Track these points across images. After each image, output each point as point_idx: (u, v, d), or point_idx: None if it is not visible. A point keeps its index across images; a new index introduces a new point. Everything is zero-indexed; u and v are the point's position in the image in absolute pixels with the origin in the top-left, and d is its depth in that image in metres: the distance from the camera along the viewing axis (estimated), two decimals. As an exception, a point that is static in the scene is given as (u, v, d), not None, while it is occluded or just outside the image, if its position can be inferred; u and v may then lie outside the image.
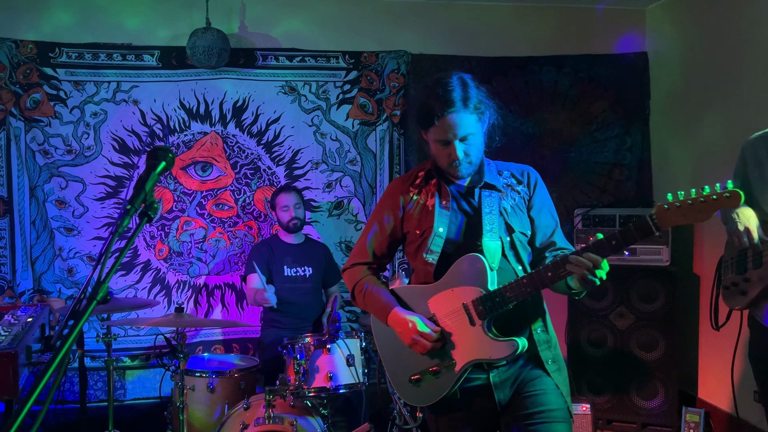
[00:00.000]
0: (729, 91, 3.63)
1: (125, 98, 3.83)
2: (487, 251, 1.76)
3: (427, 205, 1.87)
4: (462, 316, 1.76)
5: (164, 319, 2.66)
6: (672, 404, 3.72)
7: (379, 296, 1.89)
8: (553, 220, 1.90)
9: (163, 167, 1.25)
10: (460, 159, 1.78)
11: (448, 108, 1.73)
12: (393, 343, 1.88)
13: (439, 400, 1.80)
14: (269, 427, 2.54)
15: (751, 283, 2.22)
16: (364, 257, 1.98)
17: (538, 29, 4.30)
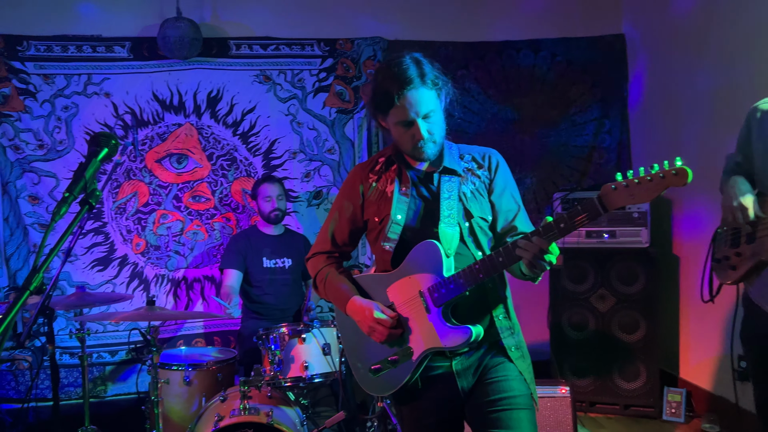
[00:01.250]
0: (707, 69, 3.62)
1: (97, 91, 3.77)
2: (443, 237, 1.73)
3: (386, 192, 1.84)
4: (419, 303, 1.74)
5: (135, 312, 2.62)
6: (654, 385, 3.74)
7: (338, 285, 1.87)
8: (516, 204, 1.85)
9: (106, 154, 1.22)
10: (425, 138, 1.73)
11: (407, 85, 1.68)
12: (353, 333, 1.86)
13: (402, 390, 1.78)
14: (244, 418, 2.51)
15: (743, 258, 2.18)
16: (325, 246, 1.96)
17: (514, 13, 4.27)
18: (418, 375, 1.76)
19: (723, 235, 2.31)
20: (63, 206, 1.12)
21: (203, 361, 2.96)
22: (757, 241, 2.11)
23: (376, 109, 1.79)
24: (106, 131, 2.25)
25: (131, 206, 3.85)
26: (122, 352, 3.84)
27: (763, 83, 3.15)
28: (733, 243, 2.23)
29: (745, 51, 3.29)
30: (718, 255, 2.31)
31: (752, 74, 3.24)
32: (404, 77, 1.69)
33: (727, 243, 2.27)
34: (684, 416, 3.68)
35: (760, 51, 3.18)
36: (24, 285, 1.07)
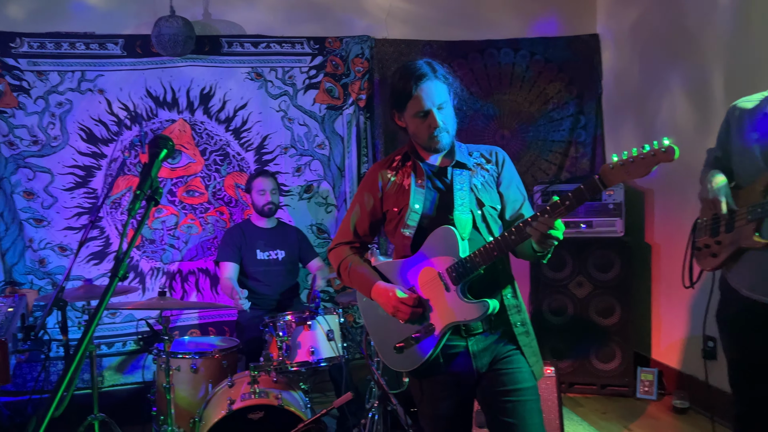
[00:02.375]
0: (677, 68, 3.85)
1: (90, 87, 3.83)
2: (458, 223, 1.90)
3: (403, 185, 2.00)
4: (438, 283, 1.90)
5: (149, 302, 2.73)
6: (628, 365, 3.99)
7: (362, 272, 2.02)
8: (521, 195, 2.03)
9: (165, 154, 1.35)
10: (440, 126, 1.90)
11: (423, 78, 1.88)
12: (377, 315, 2.02)
13: (423, 365, 1.93)
14: (256, 401, 2.65)
15: (723, 246, 2.34)
16: (347, 237, 2.11)
17: (495, 13, 4.45)
18: (439, 350, 1.93)
19: (703, 225, 2.47)
20: (136, 202, 1.25)
21: (209, 350, 3.08)
22: (736, 230, 2.28)
23: (394, 106, 1.97)
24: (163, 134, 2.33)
25: (126, 201, 3.93)
26: (119, 343, 3.92)
27: (732, 82, 3.39)
28: (713, 232, 2.39)
29: (714, 51, 3.53)
30: (699, 243, 2.46)
31: (721, 73, 3.48)
32: (419, 72, 1.89)
33: (707, 232, 2.43)
34: (656, 394, 3.95)
35: (729, 51, 3.42)
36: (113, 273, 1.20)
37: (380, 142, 4.24)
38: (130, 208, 1.23)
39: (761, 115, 2.25)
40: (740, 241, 2.27)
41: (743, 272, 2.30)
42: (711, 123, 3.56)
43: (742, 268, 2.30)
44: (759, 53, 3.20)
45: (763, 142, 2.22)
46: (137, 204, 1.24)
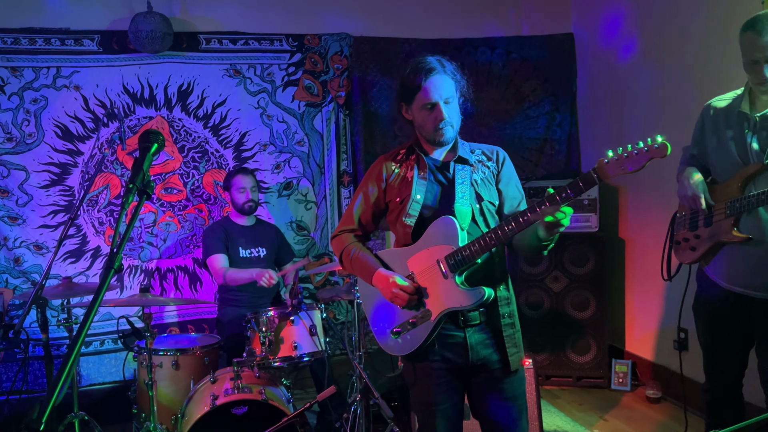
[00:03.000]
0: (648, 67, 3.95)
1: (66, 84, 3.78)
2: (458, 214, 1.98)
3: (406, 177, 2.08)
4: (436, 271, 1.97)
5: (130, 299, 2.72)
6: (603, 358, 4.09)
7: (364, 260, 2.09)
8: (519, 193, 2.12)
9: (156, 148, 1.36)
10: (446, 120, 1.98)
11: (432, 72, 1.97)
12: (376, 301, 2.10)
13: (419, 350, 2.01)
14: (239, 396, 2.66)
15: (701, 240, 2.41)
16: (350, 224, 2.17)
17: (472, 12, 4.51)
18: (435, 335, 2.00)
19: (681, 219, 2.54)
20: (129, 196, 1.25)
21: (190, 346, 3.08)
22: (714, 224, 2.35)
23: (403, 99, 2.04)
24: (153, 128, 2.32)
25: (103, 198, 3.89)
26: (96, 342, 3.88)
27: (702, 81, 3.50)
28: (691, 226, 2.47)
29: (683, 51, 3.63)
30: (678, 237, 2.53)
31: (690, 73, 3.59)
32: (429, 66, 1.98)
33: (685, 226, 2.50)
34: (630, 385, 4.05)
35: (697, 51, 3.52)
36: (107, 265, 1.20)
37: (359, 139, 4.27)
38: (124, 201, 1.24)
39: (735, 112, 2.32)
40: (719, 235, 2.34)
41: (722, 265, 2.37)
42: (682, 121, 3.66)
43: (720, 261, 2.37)
44: (729, 53, 3.30)
45: (739, 139, 2.30)
46: (130, 197, 1.25)
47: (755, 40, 2.13)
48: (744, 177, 2.27)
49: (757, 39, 2.13)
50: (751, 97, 2.30)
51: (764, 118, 2.24)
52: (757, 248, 2.25)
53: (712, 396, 2.56)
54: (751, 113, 2.27)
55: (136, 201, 1.34)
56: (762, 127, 2.25)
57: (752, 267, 2.28)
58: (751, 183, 2.26)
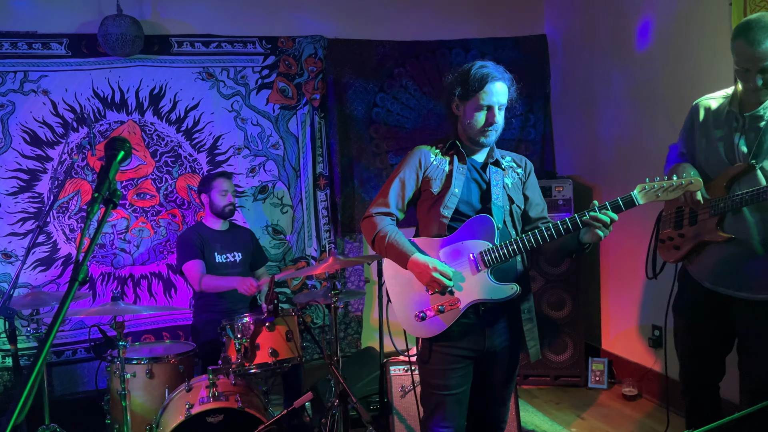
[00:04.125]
0: (621, 68, 4.00)
1: (34, 88, 3.71)
2: (495, 213, 2.12)
3: (445, 170, 2.18)
4: (468, 264, 2.09)
5: (101, 308, 2.66)
6: (579, 356, 4.12)
7: (402, 243, 2.14)
8: (543, 202, 2.29)
9: (123, 156, 1.33)
10: (496, 124, 2.13)
11: (498, 77, 2.11)
12: (403, 285, 2.18)
13: (440, 335, 2.13)
14: (215, 404, 2.62)
15: (686, 239, 2.42)
16: (385, 207, 2.22)
17: (446, 14, 4.52)
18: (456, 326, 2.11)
19: (667, 218, 2.54)
20: (94, 205, 1.22)
21: (164, 354, 3.03)
22: (699, 223, 2.36)
23: (458, 95, 2.15)
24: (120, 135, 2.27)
25: (74, 205, 3.82)
26: (69, 351, 3.81)
27: (672, 81, 3.54)
28: (676, 225, 2.47)
29: (656, 52, 3.68)
30: (663, 236, 2.53)
31: (662, 73, 3.63)
32: (495, 73, 2.12)
33: (670, 225, 2.50)
34: (607, 383, 4.08)
35: (669, 51, 3.57)
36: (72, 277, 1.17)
37: (335, 141, 4.25)
38: (89, 210, 1.21)
39: (725, 112, 2.32)
40: (703, 234, 2.34)
41: (705, 265, 2.37)
42: (653, 120, 3.71)
43: (704, 260, 2.38)
44: (698, 54, 3.36)
45: (727, 140, 2.30)
46: (95, 207, 1.22)
47: (746, 50, 2.12)
48: (729, 177, 2.26)
49: (748, 49, 2.11)
50: (741, 97, 2.30)
51: (753, 117, 2.24)
52: (740, 248, 2.26)
53: (692, 398, 2.57)
54: (741, 113, 2.27)
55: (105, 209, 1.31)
56: (751, 128, 2.25)
57: (735, 267, 2.28)
58: (736, 183, 2.26)
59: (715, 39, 3.21)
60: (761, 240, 2.23)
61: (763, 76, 2.13)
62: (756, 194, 2.15)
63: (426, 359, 2.20)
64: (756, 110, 2.23)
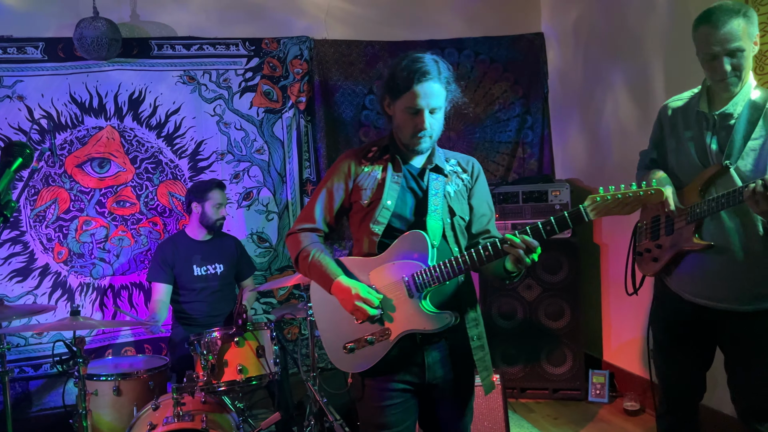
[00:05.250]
0: (621, 66, 3.81)
1: (9, 94, 3.60)
2: (430, 229, 1.85)
3: (377, 178, 1.93)
4: (401, 288, 1.84)
5: (60, 323, 2.53)
6: (579, 368, 3.92)
7: (324, 264, 1.91)
8: (490, 211, 2.01)
9: (20, 164, 1.19)
10: (426, 130, 1.84)
11: (427, 75, 1.81)
12: (330, 312, 1.93)
13: (371, 369, 1.88)
14: (178, 425, 2.48)
15: (663, 249, 2.27)
16: (311, 222, 1.99)
17: (438, 12, 4.36)
18: (390, 356, 1.86)
19: (643, 229, 2.39)
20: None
21: (133, 370, 2.90)
22: (676, 232, 2.20)
23: (388, 93, 1.89)
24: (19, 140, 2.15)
25: (51, 213, 3.70)
26: (47, 365, 3.69)
27: (673, 79, 3.36)
28: (653, 235, 2.32)
29: (654, 48, 3.49)
30: (640, 248, 2.38)
31: (662, 70, 3.45)
32: (425, 69, 1.82)
33: (647, 236, 2.35)
34: (608, 397, 3.88)
35: (670, 49, 3.39)
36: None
37: (322, 146, 4.10)
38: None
39: (694, 112, 2.21)
40: (681, 243, 2.20)
41: (684, 276, 2.22)
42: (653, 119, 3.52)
43: (682, 271, 2.23)
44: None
45: (698, 140, 2.18)
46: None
47: (712, 33, 2.00)
48: (704, 180, 2.12)
49: (714, 31, 1.99)
50: (709, 95, 2.18)
51: (723, 116, 2.11)
52: (720, 256, 2.10)
53: (671, 421, 2.40)
54: (710, 112, 2.14)
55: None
56: (721, 126, 2.12)
57: (716, 276, 2.12)
58: (711, 186, 2.11)
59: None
60: (742, 246, 2.07)
61: (731, 59, 2.01)
62: (732, 196, 1.98)
63: (359, 396, 1.96)
64: (725, 108, 2.10)
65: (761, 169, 2.02)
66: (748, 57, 2.03)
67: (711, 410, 2.70)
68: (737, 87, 2.07)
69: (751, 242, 2.07)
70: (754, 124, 2.05)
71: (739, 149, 2.06)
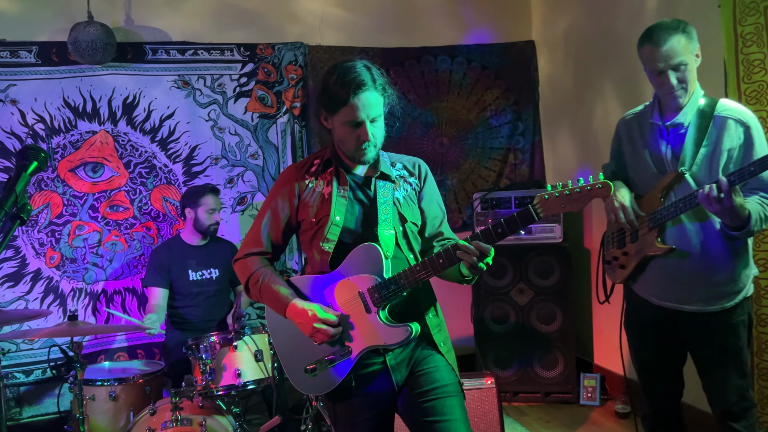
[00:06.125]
0: (611, 74, 3.88)
1: (2, 98, 3.58)
2: (382, 240, 1.80)
3: (323, 193, 1.87)
4: (358, 304, 1.80)
5: (57, 328, 2.52)
6: (571, 372, 3.96)
7: (276, 288, 1.85)
8: (441, 212, 1.97)
9: (35, 167, 1.20)
10: (370, 140, 1.79)
11: (362, 87, 1.75)
12: (288, 335, 1.87)
13: (336, 388, 1.83)
14: (177, 430, 2.48)
15: (630, 257, 2.35)
16: (257, 246, 1.93)
17: (430, 20, 4.40)
18: (353, 373, 1.81)
19: (609, 238, 2.49)
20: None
21: (129, 375, 2.89)
22: (640, 239, 2.30)
23: (324, 107, 1.83)
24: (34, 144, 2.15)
25: (43, 218, 3.68)
26: (38, 371, 3.65)
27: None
28: (619, 244, 2.41)
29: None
30: (608, 257, 2.47)
31: (649, 79, 3.51)
32: (359, 80, 1.75)
33: (614, 244, 2.44)
34: (599, 399, 3.93)
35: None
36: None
37: (316, 150, 4.12)
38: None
39: (648, 123, 2.32)
40: (645, 249, 2.29)
41: (650, 280, 2.32)
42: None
43: (648, 276, 2.32)
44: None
45: (653, 150, 2.29)
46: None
47: (655, 51, 2.14)
48: (663, 187, 2.24)
49: (657, 49, 2.14)
50: (661, 106, 2.30)
51: (675, 125, 2.23)
52: (683, 260, 2.20)
53: (655, 421, 2.47)
54: (662, 122, 2.26)
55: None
56: (674, 135, 2.24)
57: (681, 279, 2.23)
58: (671, 192, 2.23)
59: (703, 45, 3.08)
60: (702, 248, 2.18)
61: (676, 73, 2.15)
62: (688, 200, 2.11)
63: (333, 420, 1.91)
64: (676, 118, 2.22)
65: (714, 172, 2.14)
66: (692, 70, 2.17)
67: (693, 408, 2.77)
68: (685, 98, 2.19)
69: (711, 244, 2.17)
70: (704, 132, 2.16)
71: (692, 156, 2.18)
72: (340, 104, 1.77)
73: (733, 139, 2.14)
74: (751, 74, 2.78)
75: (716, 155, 2.14)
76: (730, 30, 2.82)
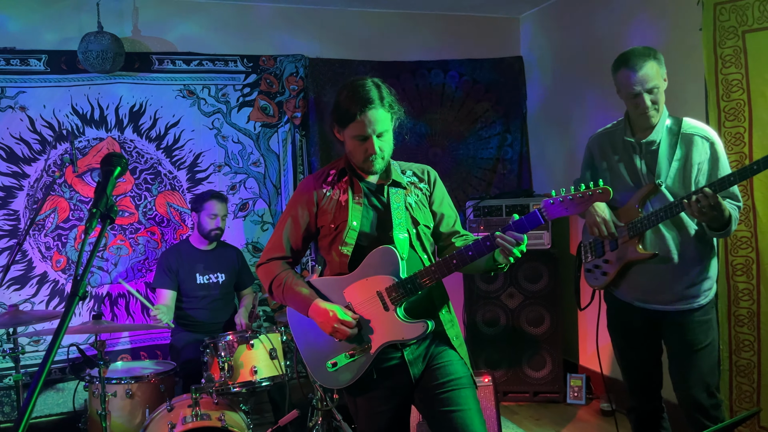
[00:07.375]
0: (595, 89, 4.11)
1: (11, 104, 3.66)
2: (397, 243, 1.95)
3: (340, 201, 2.01)
4: (376, 302, 1.94)
5: (83, 326, 2.62)
6: (558, 373, 4.16)
7: (298, 290, 1.99)
8: (453, 212, 2.14)
9: (119, 172, 1.34)
10: (377, 153, 1.94)
11: (369, 105, 1.90)
12: (309, 333, 2.02)
13: (357, 382, 1.96)
14: (198, 424, 2.59)
15: (611, 264, 2.55)
16: (279, 252, 2.07)
17: (425, 35, 4.60)
18: (373, 366, 1.96)
19: (586, 247, 2.68)
20: (92, 220, 1.22)
21: (145, 374, 2.99)
22: (621, 246, 2.50)
23: (336, 122, 1.99)
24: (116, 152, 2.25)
25: (50, 222, 3.76)
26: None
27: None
28: (597, 253, 2.61)
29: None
30: (588, 265, 2.67)
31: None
32: (367, 97, 1.91)
33: (592, 254, 2.64)
34: (585, 399, 4.13)
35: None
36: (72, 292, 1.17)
37: (316, 159, 4.27)
38: (87, 226, 1.22)
39: (621, 140, 2.52)
40: (627, 256, 2.49)
41: (633, 284, 2.52)
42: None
43: (631, 281, 2.53)
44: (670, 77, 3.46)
45: (628, 165, 2.49)
46: (93, 222, 1.22)
47: (632, 76, 2.34)
48: (640, 198, 2.44)
49: (633, 74, 2.34)
50: (631, 125, 2.51)
51: (648, 143, 2.44)
52: (663, 264, 2.42)
53: (640, 412, 2.68)
54: (635, 140, 2.47)
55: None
56: (647, 151, 2.45)
57: (661, 282, 2.44)
58: (648, 202, 2.44)
59: (686, 66, 3.32)
60: (679, 253, 2.41)
61: (650, 95, 2.35)
62: (669, 209, 2.34)
63: (353, 412, 2.05)
64: (650, 136, 2.43)
65: (687, 184, 2.38)
66: (662, 92, 2.38)
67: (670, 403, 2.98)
68: (657, 118, 2.42)
69: (686, 249, 2.42)
70: (674, 147, 2.40)
71: (665, 169, 2.41)
72: (349, 119, 1.92)
73: (701, 154, 2.38)
74: (730, 93, 3.01)
75: (688, 168, 2.38)
76: (710, 52, 3.04)
